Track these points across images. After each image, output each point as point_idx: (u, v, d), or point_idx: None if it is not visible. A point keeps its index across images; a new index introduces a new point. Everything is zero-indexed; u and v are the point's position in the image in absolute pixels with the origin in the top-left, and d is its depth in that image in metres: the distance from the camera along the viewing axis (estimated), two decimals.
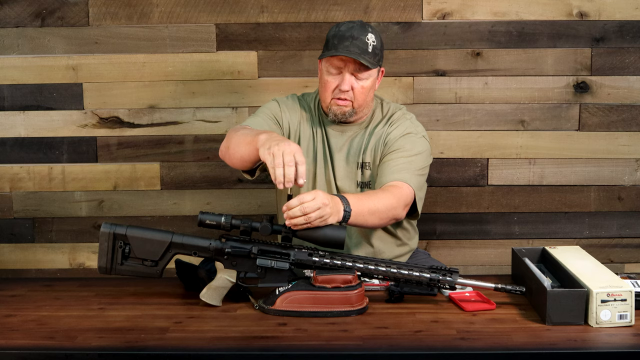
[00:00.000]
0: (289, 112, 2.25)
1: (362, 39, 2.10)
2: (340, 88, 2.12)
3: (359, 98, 2.14)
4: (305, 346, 1.63)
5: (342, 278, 1.82)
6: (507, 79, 2.74)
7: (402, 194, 2.08)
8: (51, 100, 2.76)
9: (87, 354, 1.60)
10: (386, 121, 2.23)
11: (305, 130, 2.25)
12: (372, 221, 2.02)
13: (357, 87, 2.13)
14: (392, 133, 2.20)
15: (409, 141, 2.18)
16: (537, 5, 2.69)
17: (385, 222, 2.08)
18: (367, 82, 2.14)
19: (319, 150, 2.24)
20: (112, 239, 1.89)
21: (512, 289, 1.87)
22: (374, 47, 2.12)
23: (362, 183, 2.22)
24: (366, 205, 1.98)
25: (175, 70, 2.74)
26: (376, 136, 2.22)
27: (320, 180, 2.23)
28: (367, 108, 2.22)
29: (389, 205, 2.04)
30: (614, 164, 2.77)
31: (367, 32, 2.12)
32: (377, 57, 2.14)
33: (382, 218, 2.04)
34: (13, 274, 2.82)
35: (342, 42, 2.09)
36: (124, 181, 2.80)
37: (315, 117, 2.26)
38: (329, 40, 2.14)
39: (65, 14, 2.72)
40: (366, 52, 2.10)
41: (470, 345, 1.62)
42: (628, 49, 2.71)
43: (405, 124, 2.22)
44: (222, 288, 1.89)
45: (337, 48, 2.09)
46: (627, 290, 1.70)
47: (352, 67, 2.11)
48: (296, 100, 2.29)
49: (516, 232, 2.81)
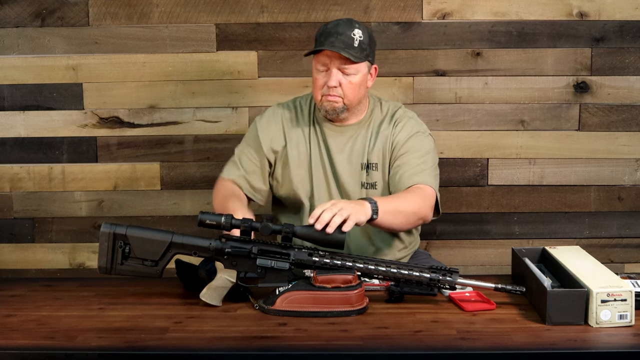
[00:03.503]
0: (267, 131, 2.25)
1: (348, 34, 2.11)
2: (328, 84, 2.12)
3: (348, 94, 2.14)
4: (305, 346, 1.63)
5: (342, 278, 1.82)
6: (507, 79, 2.74)
7: (426, 195, 2.11)
8: (51, 100, 2.76)
9: (87, 354, 1.60)
10: (389, 120, 2.23)
11: (293, 138, 2.24)
12: (400, 220, 2.03)
13: (345, 82, 2.13)
14: (399, 135, 2.20)
15: (417, 141, 2.20)
16: (537, 5, 2.69)
17: (413, 223, 2.10)
18: (356, 78, 2.13)
19: (314, 152, 2.23)
20: (112, 239, 1.89)
21: (512, 289, 1.87)
22: (361, 42, 2.12)
23: (367, 184, 2.21)
24: (393, 204, 1.99)
25: (175, 70, 2.74)
26: (382, 136, 2.21)
27: (318, 182, 2.22)
28: (360, 105, 2.21)
29: (417, 206, 2.06)
30: (614, 164, 2.77)
31: (353, 27, 2.12)
32: (365, 52, 2.14)
33: (409, 219, 2.06)
34: (13, 274, 2.82)
35: (327, 39, 2.11)
36: (124, 181, 2.80)
37: (310, 118, 2.26)
38: (316, 38, 2.16)
39: (65, 14, 2.72)
40: (351, 47, 2.10)
41: (470, 345, 1.62)
42: (628, 49, 2.71)
43: (410, 123, 2.22)
44: (222, 288, 1.89)
45: (322, 44, 2.11)
46: (627, 290, 1.70)
47: (337, 62, 2.11)
48: (277, 111, 2.29)
49: (516, 232, 2.81)
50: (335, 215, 1.84)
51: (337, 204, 1.87)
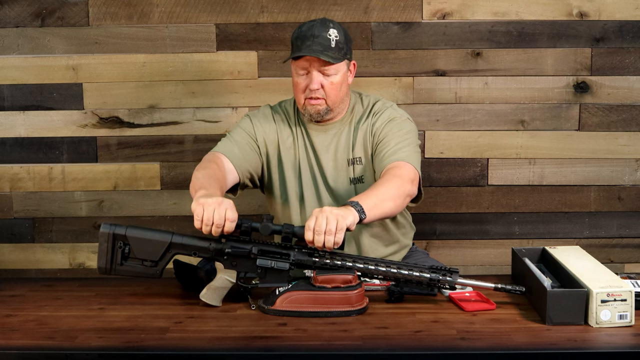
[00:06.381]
0: (262, 125, 2.26)
1: (324, 35, 2.11)
2: (309, 87, 2.14)
3: (331, 95, 2.15)
4: (305, 346, 1.63)
5: (342, 278, 1.82)
6: (507, 79, 2.74)
7: (402, 172, 2.07)
8: (51, 100, 2.76)
9: (87, 354, 1.60)
10: (369, 113, 2.25)
11: (285, 139, 2.25)
12: (389, 207, 2.00)
13: (326, 83, 2.14)
14: (376, 123, 2.21)
15: (395, 124, 2.20)
16: (537, 5, 2.69)
17: (402, 203, 2.05)
18: (337, 78, 2.15)
19: (302, 155, 2.25)
20: (111, 239, 1.89)
21: (512, 288, 1.87)
22: (337, 41, 2.13)
23: (354, 179, 2.23)
24: (375, 197, 1.96)
25: (175, 70, 2.74)
26: (362, 130, 2.23)
27: (306, 184, 2.24)
28: (343, 103, 2.22)
29: (397, 186, 2.02)
30: (614, 164, 2.77)
31: (328, 28, 2.13)
32: (343, 51, 2.15)
33: (396, 202, 2.01)
34: (13, 274, 2.82)
35: (304, 42, 2.12)
36: (124, 181, 2.80)
37: (294, 121, 2.27)
38: (292, 43, 2.17)
39: (65, 14, 2.72)
40: (329, 48, 2.11)
41: (470, 345, 1.62)
42: (628, 49, 2.71)
43: (387, 112, 2.23)
44: (222, 288, 1.89)
45: (300, 49, 2.11)
46: (627, 290, 1.70)
47: (317, 65, 2.12)
48: (269, 111, 2.30)
49: (516, 232, 2.81)
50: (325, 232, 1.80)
51: (321, 217, 1.81)
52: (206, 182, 2.01)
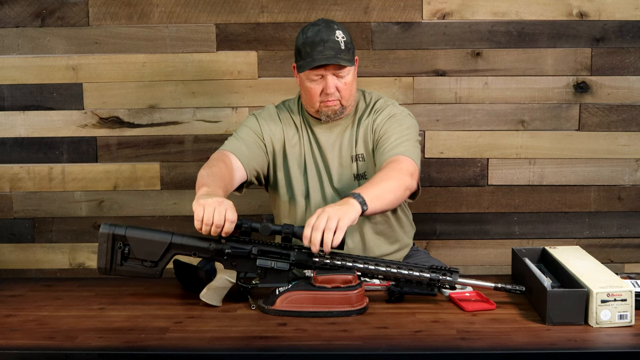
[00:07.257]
0: (269, 124, 2.26)
1: (332, 38, 2.12)
2: (326, 92, 2.14)
3: (345, 94, 2.17)
4: (305, 346, 1.63)
5: (342, 278, 1.82)
6: (507, 79, 2.74)
7: (402, 165, 2.08)
8: (51, 100, 2.76)
9: (87, 354, 1.60)
10: (370, 110, 2.25)
11: (291, 138, 2.26)
12: (389, 199, 2.00)
13: (340, 85, 2.15)
14: (377, 119, 2.22)
15: (395, 120, 2.21)
16: (537, 5, 2.69)
17: (401, 196, 2.05)
18: (349, 78, 2.16)
19: (308, 154, 2.25)
20: (111, 239, 1.89)
21: (512, 288, 1.87)
22: (346, 42, 2.14)
23: (358, 175, 2.24)
24: (376, 188, 1.97)
25: (175, 70, 2.74)
26: (363, 126, 2.24)
27: (312, 182, 2.24)
28: (352, 98, 2.23)
29: (397, 178, 2.03)
30: (614, 164, 2.77)
31: (334, 30, 2.13)
32: (351, 51, 2.17)
33: (396, 194, 2.02)
34: (13, 274, 2.82)
35: (315, 49, 2.11)
36: (124, 181, 2.80)
37: (299, 120, 2.27)
38: (300, 50, 2.15)
39: (65, 14, 2.72)
40: (340, 51, 2.12)
41: (470, 345, 1.62)
42: (628, 49, 2.71)
43: (388, 109, 2.24)
44: (222, 288, 1.89)
45: (312, 57, 2.11)
46: (627, 290, 1.70)
47: (332, 69, 2.12)
48: (274, 110, 2.30)
49: (516, 232, 2.81)
50: (324, 230, 1.80)
51: (322, 215, 1.82)
52: (209, 180, 2.02)
